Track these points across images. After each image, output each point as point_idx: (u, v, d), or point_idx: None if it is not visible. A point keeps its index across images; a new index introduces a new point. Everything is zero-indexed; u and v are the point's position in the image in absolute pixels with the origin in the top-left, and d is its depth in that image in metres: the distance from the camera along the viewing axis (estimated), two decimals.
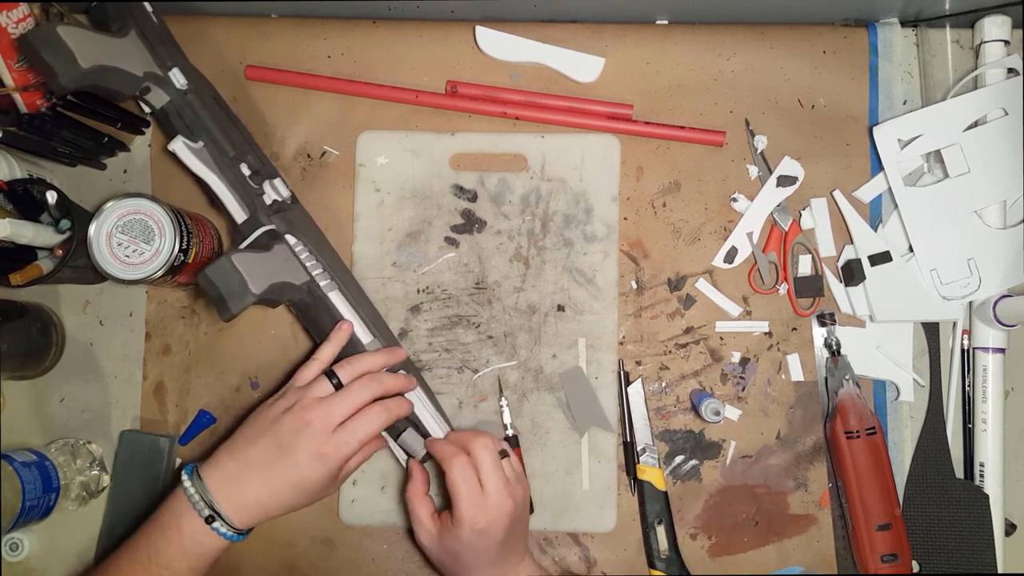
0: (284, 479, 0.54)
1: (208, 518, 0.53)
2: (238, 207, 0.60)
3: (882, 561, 0.62)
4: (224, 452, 0.56)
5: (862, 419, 0.63)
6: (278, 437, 0.54)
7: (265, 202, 0.61)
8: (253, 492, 0.54)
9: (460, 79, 0.70)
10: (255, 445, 0.55)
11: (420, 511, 0.58)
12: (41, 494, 0.61)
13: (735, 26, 0.70)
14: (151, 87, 0.61)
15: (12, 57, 0.60)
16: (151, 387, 0.68)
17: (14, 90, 0.62)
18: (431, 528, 0.58)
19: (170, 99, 0.61)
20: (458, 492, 0.55)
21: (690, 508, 0.66)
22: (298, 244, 0.61)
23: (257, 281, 0.56)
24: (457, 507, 0.55)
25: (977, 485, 0.65)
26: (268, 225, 0.60)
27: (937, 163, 0.67)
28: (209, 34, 0.71)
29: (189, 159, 0.60)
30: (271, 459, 0.54)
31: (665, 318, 0.68)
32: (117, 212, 0.61)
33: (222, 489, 0.54)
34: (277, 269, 0.58)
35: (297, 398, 0.56)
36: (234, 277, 0.55)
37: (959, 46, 0.69)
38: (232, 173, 0.61)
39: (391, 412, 0.57)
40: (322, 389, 0.56)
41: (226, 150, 0.62)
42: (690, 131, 0.68)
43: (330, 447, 0.54)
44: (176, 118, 0.62)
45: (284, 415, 0.55)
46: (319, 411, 0.55)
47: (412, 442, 0.60)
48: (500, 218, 0.69)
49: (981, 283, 0.64)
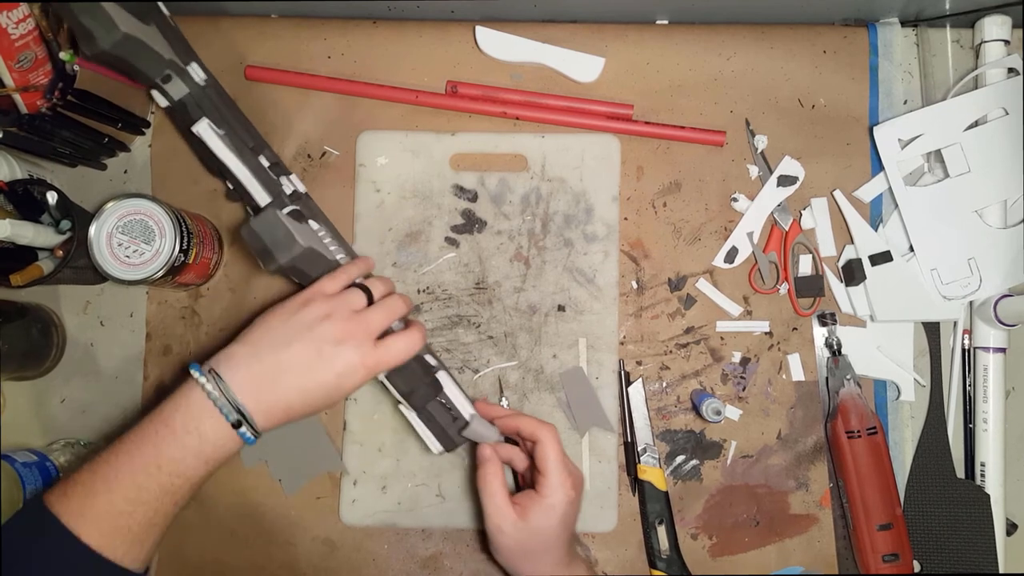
0: (320, 386, 0.52)
1: (235, 422, 0.50)
2: (262, 191, 0.59)
3: (883, 561, 0.62)
4: (245, 352, 0.52)
5: (863, 419, 0.63)
6: (316, 344, 0.52)
7: (286, 191, 0.62)
8: (284, 395, 0.52)
9: (460, 79, 0.70)
10: (288, 349, 0.52)
11: (499, 495, 0.56)
12: None
13: (735, 26, 0.70)
14: (172, 76, 0.61)
15: (12, 57, 0.60)
16: (151, 387, 0.68)
17: (14, 90, 0.62)
18: (510, 513, 0.56)
19: (189, 91, 0.61)
20: (555, 458, 0.56)
21: (691, 508, 0.66)
22: (320, 229, 0.61)
23: (302, 236, 0.56)
24: (551, 474, 0.56)
25: (978, 485, 0.65)
26: (293, 206, 0.60)
27: (937, 163, 0.67)
28: (209, 34, 0.71)
29: (214, 142, 0.58)
30: (307, 365, 0.52)
31: (666, 318, 0.68)
32: (117, 213, 0.61)
33: (249, 391, 0.50)
34: (309, 236, 0.58)
35: (332, 306, 0.54)
36: (280, 228, 0.54)
37: (959, 46, 0.69)
38: (253, 160, 0.61)
39: (423, 333, 0.57)
40: (358, 300, 0.55)
41: (246, 140, 0.62)
42: (690, 131, 0.68)
43: (371, 359, 0.53)
44: (196, 109, 0.62)
45: (323, 323, 0.53)
46: (361, 323, 0.54)
47: (481, 428, 0.59)
48: (500, 218, 0.69)
49: (982, 283, 0.64)
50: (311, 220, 0.61)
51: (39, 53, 0.62)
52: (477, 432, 0.59)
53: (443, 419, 0.59)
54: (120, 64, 0.59)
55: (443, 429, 0.59)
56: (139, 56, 0.59)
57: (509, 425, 0.60)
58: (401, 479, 0.66)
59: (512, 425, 0.59)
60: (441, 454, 0.61)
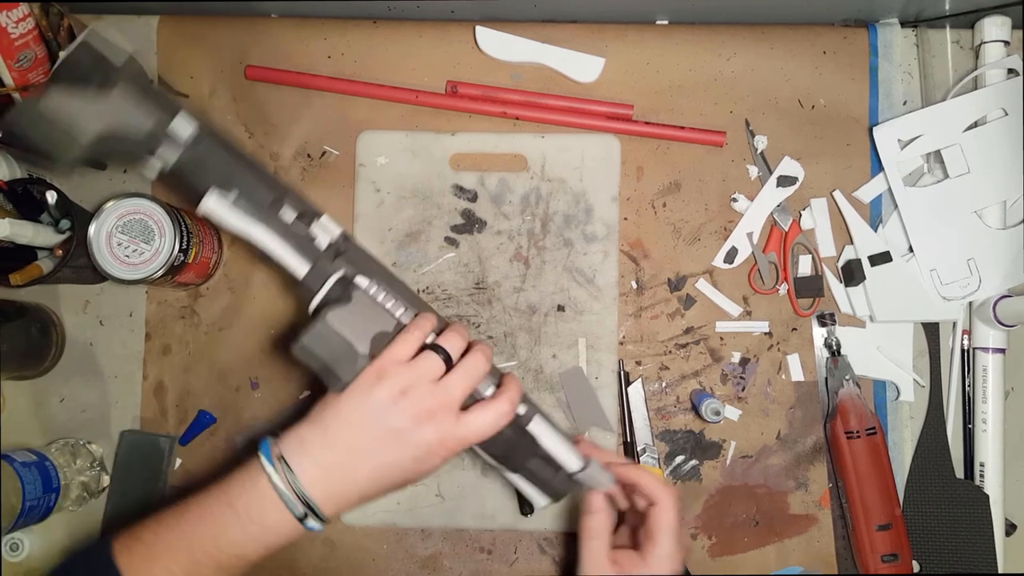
0: (397, 471, 0.48)
1: (302, 516, 0.46)
2: (296, 259, 0.51)
3: (882, 561, 0.62)
4: (317, 439, 0.48)
5: (862, 419, 0.63)
6: (393, 427, 0.47)
7: (321, 247, 0.52)
8: (357, 483, 0.48)
9: (460, 79, 0.70)
10: (362, 434, 0.47)
11: (602, 552, 0.52)
12: (41, 494, 0.61)
13: (735, 26, 0.70)
14: (158, 144, 0.50)
15: (12, 57, 0.60)
16: (151, 387, 0.68)
17: (14, 90, 0.62)
18: (607, 568, 0.52)
19: (182, 151, 0.51)
20: (671, 528, 0.51)
21: (690, 508, 0.66)
22: (372, 285, 0.52)
23: (361, 338, 0.48)
24: (663, 544, 0.51)
25: (977, 485, 0.65)
26: (337, 272, 0.51)
27: (937, 163, 0.67)
28: (209, 34, 0.71)
29: (227, 217, 0.50)
30: (384, 451, 0.47)
31: (665, 318, 0.68)
32: (117, 212, 0.61)
33: (319, 481, 0.47)
34: (368, 320, 0.50)
35: (409, 379, 0.48)
36: (337, 341, 0.48)
37: (959, 46, 0.69)
38: (277, 222, 0.51)
39: (514, 400, 0.50)
40: (436, 368, 0.48)
41: (263, 196, 0.51)
42: (690, 131, 0.68)
43: (453, 440, 0.48)
44: (194, 174, 0.51)
45: (400, 401, 0.47)
46: (439, 397, 0.48)
47: (597, 474, 0.53)
48: (500, 218, 0.69)
49: (981, 283, 0.64)
50: (359, 277, 0.51)
51: (39, 52, 0.62)
52: (592, 478, 0.53)
53: (545, 473, 0.53)
54: (97, 160, 0.51)
55: (546, 482, 0.53)
56: (113, 147, 0.49)
57: (624, 476, 0.54)
58: None
59: (628, 477, 0.54)
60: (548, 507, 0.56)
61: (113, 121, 0.48)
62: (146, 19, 0.71)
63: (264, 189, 0.52)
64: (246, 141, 0.70)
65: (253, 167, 0.53)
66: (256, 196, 0.51)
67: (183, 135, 0.50)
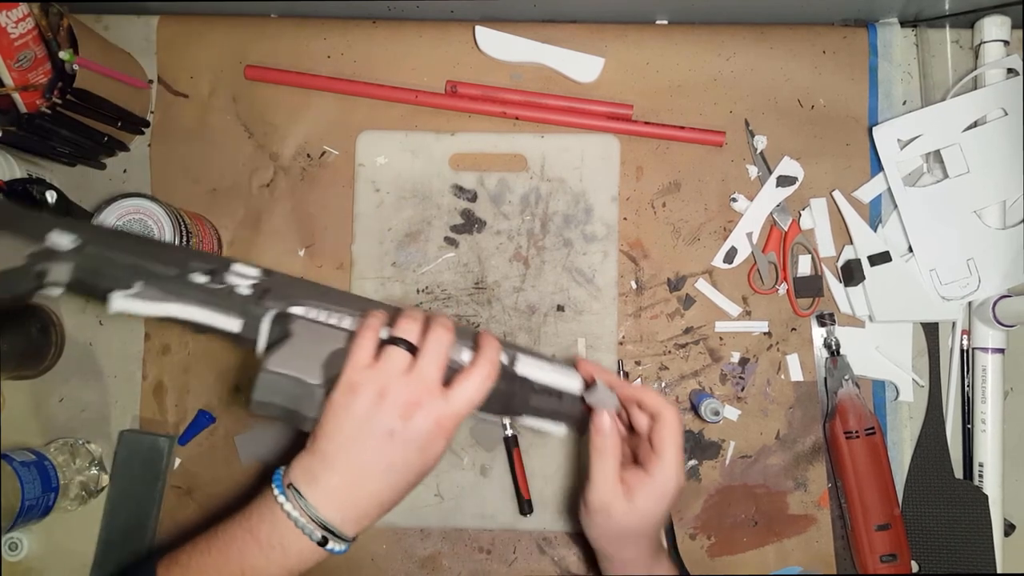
0: (407, 467, 0.48)
1: (321, 540, 0.47)
2: (224, 318, 0.50)
3: (881, 561, 0.62)
4: (318, 465, 0.47)
5: (861, 419, 0.63)
6: (384, 431, 0.47)
7: (244, 294, 0.51)
8: (372, 497, 0.48)
9: (460, 79, 0.70)
10: (358, 449, 0.47)
11: (613, 472, 0.51)
12: (40, 494, 0.61)
13: (735, 26, 0.70)
14: (45, 270, 0.48)
15: (12, 56, 0.60)
16: (150, 387, 0.68)
17: (13, 90, 0.62)
18: (620, 492, 0.51)
19: (73, 264, 0.49)
20: (676, 442, 0.51)
21: (689, 508, 0.66)
22: (308, 310, 0.51)
23: (310, 369, 0.48)
24: (668, 457, 0.51)
25: (976, 485, 0.65)
26: (270, 311, 0.50)
27: (937, 163, 0.67)
28: (209, 34, 0.71)
29: (141, 310, 0.49)
30: (385, 457, 0.47)
31: (665, 318, 0.68)
32: (117, 212, 0.61)
33: (333, 505, 0.47)
34: (315, 344, 0.49)
35: (380, 380, 0.47)
36: (286, 383, 0.47)
37: (959, 46, 0.69)
38: (192, 290, 0.50)
39: (493, 359, 0.49)
40: (400, 360, 0.48)
41: (167, 271, 0.50)
42: (690, 131, 0.68)
43: (448, 418, 0.48)
44: (93, 279, 0.50)
45: (380, 404, 0.47)
46: (417, 384, 0.47)
47: (603, 393, 0.52)
48: (500, 218, 0.69)
49: (980, 283, 0.64)
50: (292, 307, 0.50)
51: (38, 52, 0.62)
52: (598, 398, 0.52)
53: (550, 404, 0.53)
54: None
55: (555, 412, 0.53)
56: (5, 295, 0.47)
57: (628, 395, 0.53)
58: None
59: (632, 396, 0.53)
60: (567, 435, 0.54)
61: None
62: (146, 19, 0.71)
63: (165, 265, 0.50)
64: (246, 141, 0.70)
65: (147, 248, 0.52)
66: (160, 275, 0.50)
67: (65, 247, 0.49)
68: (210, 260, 0.52)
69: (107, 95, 0.65)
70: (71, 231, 0.49)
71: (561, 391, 0.53)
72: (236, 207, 0.70)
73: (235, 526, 0.48)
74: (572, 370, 0.53)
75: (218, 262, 0.52)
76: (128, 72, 0.68)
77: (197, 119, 0.71)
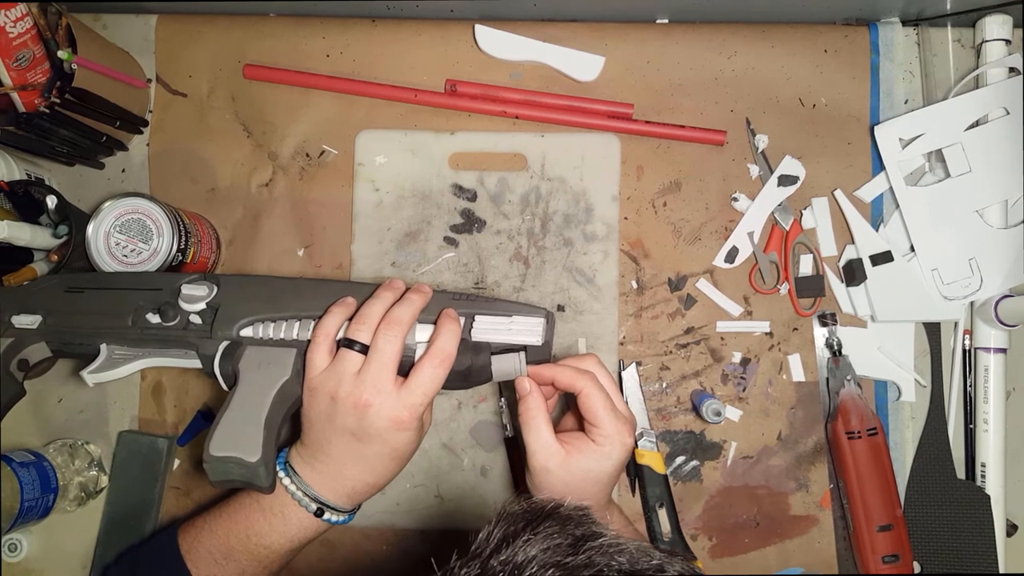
0: (379, 457, 0.52)
1: (317, 511, 0.53)
2: (185, 360, 0.55)
3: (883, 562, 0.61)
4: (305, 454, 0.54)
5: (863, 419, 0.63)
6: (347, 431, 0.51)
7: (197, 322, 0.54)
8: (356, 481, 0.53)
9: (459, 78, 0.70)
10: (330, 443, 0.52)
11: (544, 431, 0.52)
12: (39, 494, 0.61)
13: (736, 25, 0.70)
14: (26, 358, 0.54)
15: (10, 56, 0.60)
16: (149, 388, 0.68)
17: (12, 89, 0.61)
18: (557, 451, 0.51)
19: (45, 342, 0.55)
20: (604, 408, 0.51)
21: (691, 509, 0.66)
22: (258, 326, 0.54)
23: (248, 444, 0.51)
24: (603, 425, 0.51)
25: (978, 486, 0.65)
26: (220, 344, 0.54)
27: (938, 162, 0.66)
28: (207, 33, 0.71)
29: (113, 375, 0.54)
30: (354, 449, 0.52)
31: (666, 318, 0.68)
32: (115, 212, 0.60)
33: (325, 484, 0.53)
34: (254, 407, 0.52)
35: (331, 385, 0.51)
36: (231, 464, 0.50)
37: (960, 45, 0.69)
38: (151, 338, 0.54)
39: (446, 347, 0.51)
40: (350, 363, 0.51)
41: (123, 324, 0.54)
42: (691, 130, 0.68)
43: (403, 412, 0.50)
44: (67, 347, 0.55)
45: (334, 406, 0.51)
46: (365, 386, 0.50)
47: (507, 364, 0.54)
48: (500, 218, 0.69)
49: (982, 283, 0.64)
50: (243, 329, 0.54)
51: (37, 52, 0.62)
52: (499, 368, 0.54)
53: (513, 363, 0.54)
54: None
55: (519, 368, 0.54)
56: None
57: (545, 377, 0.54)
58: (400, 480, 0.66)
59: (546, 376, 0.54)
60: None
61: None
62: (145, 18, 0.71)
63: (120, 317, 0.55)
64: (245, 140, 0.70)
65: (101, 308, 0.55)
66: (118, 330, 0.55)
67: (30, 326, 0.55)
68: (156, 298, 0.55)
69: (106, 94, 0.64)
70: (29, 310, 0.54)
71: (525, 345, 0.54)
72: (235, 207, 0.70)
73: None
74: (531, 318, 0.55)
75: (166, 283, 0.56)
76: (127, 71, 0.68)
77: (196, 118, 0.70)
